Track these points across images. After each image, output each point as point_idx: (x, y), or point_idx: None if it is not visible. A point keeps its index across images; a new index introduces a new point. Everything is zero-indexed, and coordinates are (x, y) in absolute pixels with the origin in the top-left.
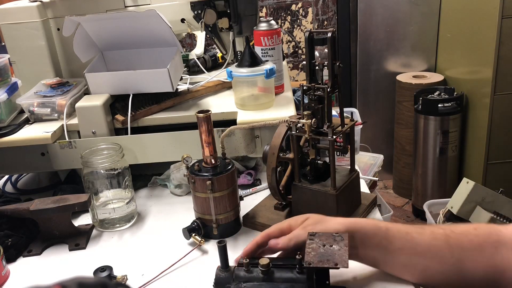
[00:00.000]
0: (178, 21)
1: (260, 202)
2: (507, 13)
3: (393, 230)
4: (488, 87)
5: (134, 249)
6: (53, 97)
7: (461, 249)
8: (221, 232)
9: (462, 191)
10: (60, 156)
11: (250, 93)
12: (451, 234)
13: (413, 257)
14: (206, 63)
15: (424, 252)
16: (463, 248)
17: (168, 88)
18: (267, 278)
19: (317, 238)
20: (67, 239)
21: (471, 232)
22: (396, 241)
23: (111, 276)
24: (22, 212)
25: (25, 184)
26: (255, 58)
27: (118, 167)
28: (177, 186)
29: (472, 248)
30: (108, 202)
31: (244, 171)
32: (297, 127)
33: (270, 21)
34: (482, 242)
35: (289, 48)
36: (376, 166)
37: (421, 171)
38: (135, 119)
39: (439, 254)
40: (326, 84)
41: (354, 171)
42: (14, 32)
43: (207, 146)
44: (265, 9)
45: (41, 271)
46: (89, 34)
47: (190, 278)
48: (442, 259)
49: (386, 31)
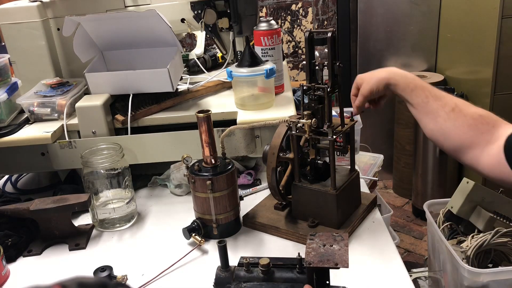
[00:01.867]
0: (178, 21)
1: (260, 202)
2: (507, 13)
3: (418, 90)
4: (488, 87)
5: (134, 249)
6: (53, 97)
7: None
8: (221, 232)
9: (462, 191)
10: (60, 156)
11: (250, 93)
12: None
13: (420, 114)
14: (206, 63)
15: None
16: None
17: (168, 88)
18: (267, 278)
19: (317, 238)
20: (67, 239)
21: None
22: (414, 98)
23: (111, 276)
24: (22, 212)
25: (25, 184)
26: (255, 58)
27: (118, 167)
28: (177, 186)
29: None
30: (108, 202)
31: (244, 171)
32: (297, 127)
33: (270, 21)
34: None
35: (289, 48)
36: (376, 166)
37: (421, 171)
38: (135, 119)
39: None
40: (326, 84)
41: (354, 171)
42: (14, 32)
43: (207, 146)
44: (265, 9)
45: (41, 271)
46: (89, 34)
47: (190, 278)
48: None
49: (386, 31)
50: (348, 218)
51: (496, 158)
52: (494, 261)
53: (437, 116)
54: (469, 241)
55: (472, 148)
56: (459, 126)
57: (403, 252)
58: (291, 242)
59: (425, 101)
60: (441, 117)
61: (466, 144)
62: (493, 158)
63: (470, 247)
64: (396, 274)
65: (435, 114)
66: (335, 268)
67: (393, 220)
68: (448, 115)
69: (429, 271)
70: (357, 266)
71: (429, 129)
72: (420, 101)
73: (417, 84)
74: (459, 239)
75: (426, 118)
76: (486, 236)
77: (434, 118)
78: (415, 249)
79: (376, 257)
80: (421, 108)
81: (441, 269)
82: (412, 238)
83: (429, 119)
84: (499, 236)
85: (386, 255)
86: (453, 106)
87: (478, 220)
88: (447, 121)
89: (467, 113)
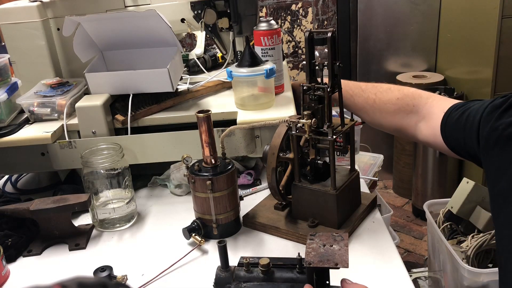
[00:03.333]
0: (178, 21)
1: (260, 202)
2: (507, 13)
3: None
4: (488, 87)
5: (134, 249)
6: (53, 97)
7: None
8: (221, 232)
9: (462, 191)
10: (60, 156)
11: (250, 93)
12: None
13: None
14: (206, 63)
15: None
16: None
17: (168, 88)
18: (267, 278)
19: (317, 238)
20: (67, 239)
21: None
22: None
23: (111, 276)
24: (22, 212)
25: (25, 184)
26: (255, 58)
27: (118, 167)
28: (177, 186)
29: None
30: (108, 202)
31: (244, 171)
32: (297, 127)
33: (270, 21)
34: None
35: (289, 48)
36: (376, 166)
37: (421, 171)
38: (135, 119)
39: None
40: (326, 84)
41: (354, 171)
42: (14, 32)
43: (207, 146)
44: (265, 9)
45: (41, 271)
46: (89, 34)
47: (190, 278)
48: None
49: (386, 31)
50: (348, 218)
51: (430, 132)
52: (494, 261)
53: (366, 111)
54: (469, 241)
55: (405, 129)
56: (385, 115)
57: (403, 252)
58: (291, 242)
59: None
60: (369, 111)
61: (398, 127)
62: (428, 133)
63: (470, 247)
64: (396, 274)
65: (364, 109)
66: (335, 268)
67: (393, 220)
68: (373, 108)
69: (429, 271)
70: (357, 266)
71: (367, 121)
72: (349, 102)
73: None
74: (459, 239)
75: (360, 114)
76: (486, 236)
77: (365, 112)
78: (415, 249)
79: (376, 257)
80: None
81: (441, 269)
82: (412, 238)
83: (363, 114)
84: None
85: (386, 255)
86: (373, 98)
87: (478, 220)
88: (375, 113)
89: (387, 101)
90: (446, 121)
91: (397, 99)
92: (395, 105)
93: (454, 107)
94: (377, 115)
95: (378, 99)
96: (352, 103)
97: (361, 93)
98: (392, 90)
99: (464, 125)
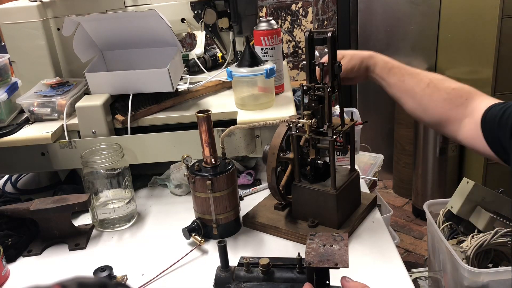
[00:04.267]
0: (178, 21)
1: (260, 202)
2: (507, 13)
3: (394, 70)
4: (488, 87)
5: (134, 249)
6: (53, 97)
7: (430, 99)
8: (221, 232)
9: (462, 191)
10: (60, 156)
11: (250, 93)
12: (431, 85)
13: (398, 93)
14: (206, 63)
15: (405, 91)
16: (431, 99)
17: (168, 88)
18: (267, 278)
19: (317, 238)
20: (67, 239)
21: (447, 91)
22: (392, 77)
23: (111, 276)
24: (22, 212)
25: (25, 184)
26: (255, 58)
27: (118, 167)
28: (177, 186)
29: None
30: (108, 202)
31: (244, 171)
32: (297, 127)
33: (270, 21)
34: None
35: (289, 48)
36: (376, 166)
37: (421, 171)
38: (135, 119)
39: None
40: (326, 84)
41: (354, 171)
42: (14, 32)
43: (207, 146)
44: (265, 9)
45: (41, 271)
46: (89, 34)
47: (190, 278)
48: (415, 100)
49: (386, 31)
50: (348, 218)
51: (473, 131)
52: (494, 261)
53: (414, 93)
54: (469, 241)
55: (450, 122)
56: (435, 100)
57: (403, 252)
58: (291, 242)
59: (401, 80)
60: (418, 94)
61: (444, 117)
62: (471, 131)
63: (470, 247)
64: (396, 274)
65: (412, 91)
66: (335, 268)
67: (393, 220)
68: (424, 91)
69: (429, 271)
70: (357, 266)
71: (408, 106)
72: (397, 80)
73: (394, 64)
74: (459, 239)
75: (404, 96)
76: (486, 236)
77: (411, 95)
78: (415, 249)
79: (376, 257)
80: (398, 87)
81: (441, 269)
82: (412, 238)
83: (407, 97)
84: (499, 236)
85: (386, 255)
86: (427, 82)
87: (478, 220)
88: (424, 97)
89: (441, 88)
90: (486, 116)
91: (453, 89)
92: (449, 94)
93: (496, 104)
94: (425, 100)
95: (433, 84)
96: (401, 83)
97: (415, 75)
98: (449, 80)
99: (501, 120)
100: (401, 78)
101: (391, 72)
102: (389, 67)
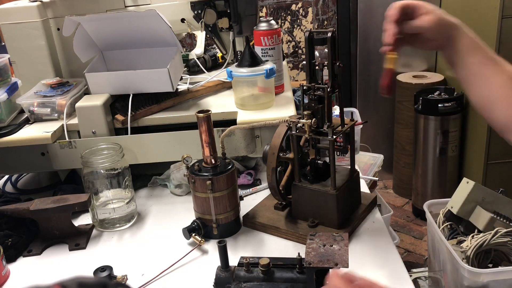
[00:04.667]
0: (178, 21)
1: (260, 202)
2: (507, 13)
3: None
4: None
5: (134, 249)
6: (53, 97)
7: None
8: (221, 232)
9: (462, 191)
10: (60, 156)
11: (250, 93)
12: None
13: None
14: (206, 63)
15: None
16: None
17: (168, 88)
18: (267, 278)
19: (317, 238)
20: (67, 239)
21: None
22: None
23: (111, 276)
24: (22, 212)
25: (25, 184)
26: (255, 58)
27: (118, 167)
28: (177, 186)
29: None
30: (108, 202)
31: (244, 171)
32: (297, 127)
33: (270, 21)
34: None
35: (289, 48)
36: (376, 166)
37: (421, 171)
38: (135, 119)
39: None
40: (326, 84)
41: (354, 171)
42: (14, 32)
43: (207, 146)
44: (265, 9)
45: (41, 271)
46: (89, 34)
47: (190, 278)
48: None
49: None
50: (348, 218)
51: None
52: (494, 261)
53: (492, 83)
54: (469, 241)
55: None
56: (510, 98)
57: (403, 252)
58: (291, 242)
59: (483, 63)
60: (496, 84)
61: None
62: None
63: (470, 247)
64: (396, 274)
65: (490, 79)
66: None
67: (393, 220)
68: (504, 83)
69: (429, 271)
70: (357, 266)
71: (478, 95)
72: (477, 61)
73: (479, 43)
74: (459, 239)
75: (478, 82)
76: (486, 236)
77: (487, 83)
78: (415, 249)
79: (376, 257)
80: (475, 70)
81: (441, 269)
82: (412, 238)
83: (482, 84)
84: (499, 236)
85: (386, 255)
86: (510, 75)
87: (478, 220)
88: (500, 89)
89: None
90: None
91: None
92: None
93: None
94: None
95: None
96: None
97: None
98: None
99: None
100: (483, 61)
101: (474, 52)
102: (474, 45)
